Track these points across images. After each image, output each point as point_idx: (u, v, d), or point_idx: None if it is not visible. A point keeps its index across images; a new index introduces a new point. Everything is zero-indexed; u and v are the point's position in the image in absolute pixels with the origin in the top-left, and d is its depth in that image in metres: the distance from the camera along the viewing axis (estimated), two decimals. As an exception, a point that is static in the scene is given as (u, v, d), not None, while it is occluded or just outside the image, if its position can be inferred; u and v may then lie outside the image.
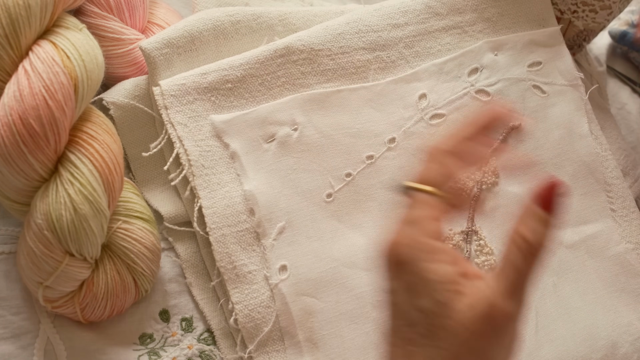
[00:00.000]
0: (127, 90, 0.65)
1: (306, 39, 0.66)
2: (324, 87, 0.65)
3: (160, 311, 0.62)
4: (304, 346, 0.59)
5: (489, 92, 0.68)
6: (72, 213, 0.54)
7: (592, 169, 0.68)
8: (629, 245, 0.67)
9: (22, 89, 0.54)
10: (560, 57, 0.70)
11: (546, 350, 0.63)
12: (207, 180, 0.61)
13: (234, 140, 0.62)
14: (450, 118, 0.67)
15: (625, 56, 0.84)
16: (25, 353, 0.57)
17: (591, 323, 0.64)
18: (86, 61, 0.57)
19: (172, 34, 0.65)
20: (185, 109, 0.63)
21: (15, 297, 0.58)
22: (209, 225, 0.60)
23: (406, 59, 0.68)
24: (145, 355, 0.60)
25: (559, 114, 0.68)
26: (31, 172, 0.55)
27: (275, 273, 0.60)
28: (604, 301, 0.65)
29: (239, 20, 0.67)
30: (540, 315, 0.63)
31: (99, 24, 0.64)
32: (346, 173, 0.64)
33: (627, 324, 0.65)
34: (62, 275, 0.55)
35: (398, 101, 0.66)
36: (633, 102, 0.81)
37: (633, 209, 0.69)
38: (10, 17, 0.54)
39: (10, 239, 0.60)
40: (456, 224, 0.65)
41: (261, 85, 0.64)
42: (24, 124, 0.53)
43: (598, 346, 0.64)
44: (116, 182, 0.57)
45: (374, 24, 0.68)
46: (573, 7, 0.73)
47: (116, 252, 0.58)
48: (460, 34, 0.69)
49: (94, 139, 0.57)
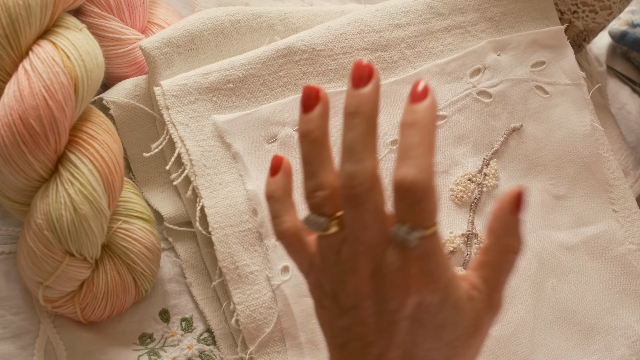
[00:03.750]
0: (127, 90, 0.65)
1: (308, 39, 0.66)
2: (326, 87, 0.65)
3: (160, 311, 0.62)
4: (306, 347, 0.59)
5: (491, 94, 0.68)
6: (72, 213, 0.54)
7: (593, 170, 0.68)
8: (631, 246, 0.67)
9: (22, 89, 0.54)
10: (564, 57, 0.70)
11: (541, 354, 0.63)
12: (209, 180, 0.61)
13: (236, 140, 0.62)
14: (452, 119, 0.67)
15: (625, 56, 0.84)
16: (25, 353, 0.57)
17: (586, 327, 0.64)
18: (86, 61, 0.57)
19: (172, 33, 0.65)
20: (186, 109, 0.63)
21: (15, 297, 0.58)
22: (212, 225, 0.60)
23: (408, 59, 0.68)
24: (145, 355, 0.60)
25: (561, 114, 0.68)
26: (31, 172, 0.55)
27: (278, 274, 0.60)
28: (602, 303, 0.65)
29: (239, 19, 0.67)
30: (538, 318, 0.63)
31: (99, 24, 0.64)
32: (347, 174, 0.64)
33: (625, 327, 0.65)
34: (62, 275, 0.55)
35: (400, 102, 0.66)
36: (633, 102, 0.81)
37: (635, 210, 0.69)
38: (10, 17, 0.54)
39: (10, 239, 0.60)
40: (456, 227, 0.65)
41: (263, 86, 0.64)
42: (24, 124, 0.53)
43: (590, 350, 0.64)
44: (116, 182, 0.57)
45: (376, 24, 0.68)
46: (573, 8, 0.73)
47: (116, 252, 0.58)
48: (462, 34, 0.69)
49: (94, 139, 0.57)
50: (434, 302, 0.44)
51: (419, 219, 0.42)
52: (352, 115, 0.43)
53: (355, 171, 0.42)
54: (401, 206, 0.42)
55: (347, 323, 0.45)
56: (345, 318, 0.45)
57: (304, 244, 0.47)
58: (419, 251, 0.42)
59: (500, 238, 0.46)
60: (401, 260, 0.43)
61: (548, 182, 0.67)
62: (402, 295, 0.43)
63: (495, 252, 0.46)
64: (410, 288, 0.43)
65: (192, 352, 0.61)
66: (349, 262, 0.44)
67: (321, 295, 0.47)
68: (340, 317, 0.46)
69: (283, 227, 0.47)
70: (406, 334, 0.44)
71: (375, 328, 0.44)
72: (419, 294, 0.43)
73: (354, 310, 0.45)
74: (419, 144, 0.42)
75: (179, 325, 0.62)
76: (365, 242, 0.43)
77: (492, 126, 0.67)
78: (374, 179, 0.43)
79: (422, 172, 0.41)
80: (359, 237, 0.43)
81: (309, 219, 0.45)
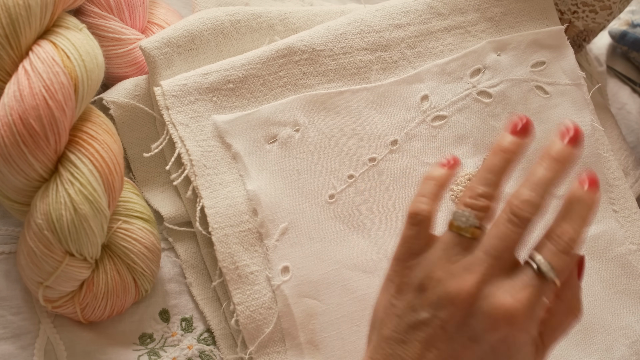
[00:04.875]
0: (127, 90, 0.65)
1: (308, 39, 0.66)
2: (326, 87, 0.65)
3: (160, 311, 0.62)
4: (305, 348, 0.59)
5: (491, 94, 0.68)
6: (72, 213, 0.54)
7: (593, 170, 0.68)
8: (632, 246, 0.67)
9: (22, 89, 0.54)
10: (564, 57, 0.70)
11: None
12: (209, 180, 0.61)
13: (236, 140, 0.62)
14: (452, 119, 0.67)
15: (625, 56, 0.84)
16: (25, 353, 0.57)
17: (586, 327, 0.64)
18: (86, 61, 0.57)
19: (172, 33, 0.65)
20: (186, 110, 0.63)
21: (15, 297, 0.58)
22: (212, 225, 0.60)
23: (408, 59, 0.68)
24: (145, 356, 0.60)
25: (561, 114, 0.68)
26: (31, 172, 0.55)
27: (278, 274, 0.60)
28: (602, 304, 0.65)
29: (239, 19, 0.67)
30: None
31: (99, 24, 0.64)
32: (348, 174, 0.64)
33: (625, 327, 0.65)
34: (62, 275, 0.55)
35: (400, 103, 0.66)
36: (633, 102, 0.81)
37: (635, 210, 0.69)
38: (10, 17, 0.54)
39: (10, 239, 0.60)
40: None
41: (263, 86, 0.64)
42: (24, 124, 0.53)
43: (591, 350, 0.64)
44: (116, 182, 0.57)
45: (376, 24, 0.68)
46: (573, 8, 0.73)
47: (116, 252, 0.58)
48: (462, 34, 0.69)
49: (94, 139, 0.57)
50: (519, 341, 0.45)
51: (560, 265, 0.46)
52: (554, 160, 0.47)
53: (532, 198, 0.46)
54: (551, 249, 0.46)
55: (423, 321, 0.46)
56: (423, 315, 0.46)
57: (428, 232, 0.48)
58: (543, 288, 0.45)
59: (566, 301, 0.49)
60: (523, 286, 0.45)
61: (548, 182, 0.67)
62: (500, 319, 0.44)
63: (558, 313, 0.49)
64: (512, 317, 0.44)
65: (192, 352, 0.60)
66: (470, 267, 0.46)
67: (404, 285, 0.47)
68: (417, 313, 0.46)
69: (422, 205, 0.48)
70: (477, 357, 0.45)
71: (451, 338, 0.45)
72: (514, 327, 0.45)
73: (441, 311, 0.45)
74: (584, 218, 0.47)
75: (179, 325, 0.62)
76: (500, 259, 0.46)
77: (492, 126, 0.67)
78: (536, 215, 0.46)
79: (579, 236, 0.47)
80: (498, 252, 0.46)
81: (463, 213, 0.47)
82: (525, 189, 0.47)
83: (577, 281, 0.50)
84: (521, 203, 0.46)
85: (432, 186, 0.49)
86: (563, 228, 0.46)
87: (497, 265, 0.46)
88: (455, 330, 0.45)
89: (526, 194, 0.46)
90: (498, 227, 0.46)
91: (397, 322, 0.47)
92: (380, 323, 0.48)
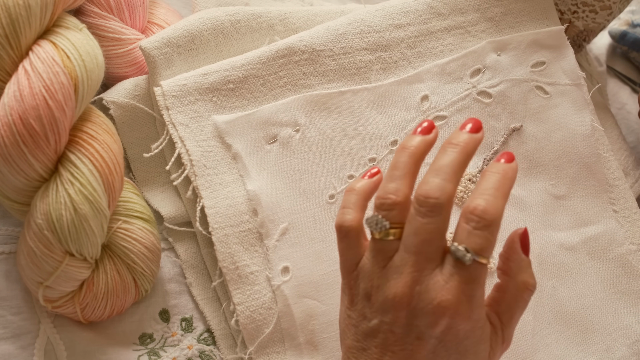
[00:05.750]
0: (127, 90, 0.65)
1: (308, 39, 0.66)
2: (326, 87, 0.65)
3: (160, 311, 0.62)
4: (304, 348, 0.60)
5: (491, 94, 0.68)
6: (72, 213, 0.54)
7: (593, 170, 0.68)
8: (632, 246, 0.67)
9: (22, 89, 0.54)
10: (564, 57, 0.70)
11: (541, 355, 0.63)
12: (210, 180, 0.61)
13: (236, 141, 0.62)
14: (452, 120, 0.67)
15: (625, 56, 0.84)
16: (25, 353, 0.57)
17: (586, 327, 0.64)
18: (86, 61, 0.57)
19: (172, 33, 0.65)
20: (186, 110, 0.63)
21: (15, 297, 0.58)
22: (212, 225, 0.60)
23: (408, 59, 0.68)
24: (145, 356, 0.60)
25: (561, 114, 0.68)
26: (31, 172, 0.55)
27: (278, 274, 0.60)
28: (602, 304, 0.65)
29: (239, 19, 0.67)
30: (538, 319, 0.63)
31: (99, 24, 0.64)
32: (348, 175, 0.64)
33: (625, 327, 0.65)
34: (62, 275, 0.55)
35: (400, 103, 0.66)
36: (633, 102, 0.81)
37: (635, 210, 0.69)
38: (10, 17, 0.54)
39: (10, 239, 0.60)
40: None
41: (263, 86, 0.64)
42: (24, 124, 0.53)
43: (591, 351, 0.64)
44: (116, 182, 0.57)
45: (376, 25, 0.68)
46: (573, 8, 0.73)
47: (116, 252, 0.58)
48: (462, 34, 0.69)
49: (94, 139, 0.57)
50: (463, 330, 0.46)
51: (478, 244, 0.45)
52: (452, 145, 0.47)
53: (438, 185, 0.45)
54: (466, 229, 0.45)
55: (374, 328, 0.47)
56: (374, 322, 0.47)
57: (360, 241, 0.49)
58: (469, 273, 0.45)
59: (515, 277, 0.49)
60: (449, 277, 0.45)
61: (548, 183, 0.67)
62: (437, 314, 0.45)
63: (510, 290, 0.49)
64: (447, 309, 0.45)
65: (192, 352, 0.61)
66: (398, 269, 0.46)
67: (354, 296, 0.49)
68: (369, 321, 0.47)
69: (346, 217, 0.49)
70: (429, 352, 0.46)
71: (401, 339, 0.46)
72: (453, 318, 0.45)
73: (386, 316, 0.46)
74: (497, 188, 0.46)
75: (179, 325, 0.62)
76: (422, 254, 0.45)
77: (492, 126, 0.67)
78: (449, 200, 0.46)
79: (494, 207, 0.45)
80: (417, 247, 0.46)
81: (372, 218, 0.47)
82: (428, 177, 0.47)
83: (521, 255, 0.49)
84: (425, 192, 0.46)
85: (354, 197, 0.50)
86: (475, 203, 0.46)
87: (422, 261, 0.46)
88: (402, 331, 0.46)
89: (429, 182, 0.46)
90: (410, 223, 0.46)
91: (355, 331, 0.48)
92: (342, 334, 0.50)
